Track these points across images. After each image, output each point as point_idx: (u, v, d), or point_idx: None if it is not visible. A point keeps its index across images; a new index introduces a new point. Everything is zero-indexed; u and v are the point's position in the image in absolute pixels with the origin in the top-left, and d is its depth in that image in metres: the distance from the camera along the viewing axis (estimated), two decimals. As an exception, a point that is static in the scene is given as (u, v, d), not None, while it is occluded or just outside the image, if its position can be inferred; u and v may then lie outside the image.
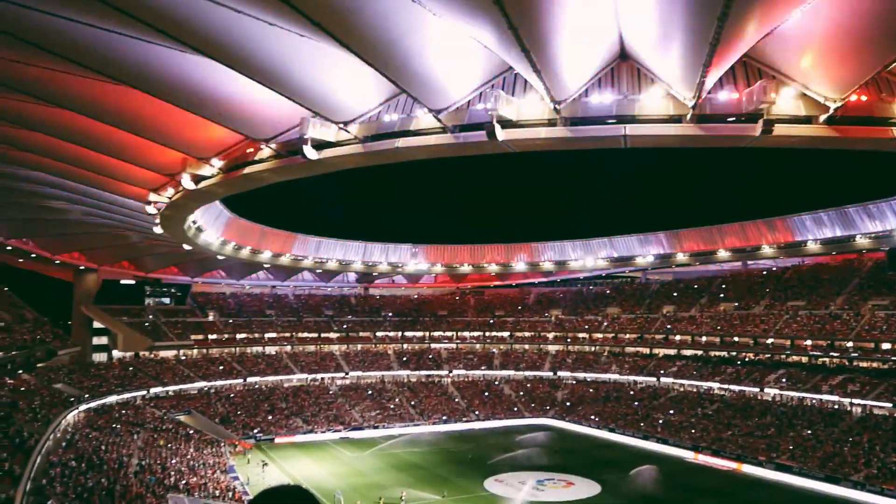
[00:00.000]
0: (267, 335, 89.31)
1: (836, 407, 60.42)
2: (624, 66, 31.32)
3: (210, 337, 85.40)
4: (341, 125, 34.15)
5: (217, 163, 39.54)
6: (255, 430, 66.46)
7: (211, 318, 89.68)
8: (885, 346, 61.15)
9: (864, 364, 63.02)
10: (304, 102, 31.44)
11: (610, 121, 31.18)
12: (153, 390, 69.72)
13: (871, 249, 70.30)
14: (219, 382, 77.00)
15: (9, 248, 63.05)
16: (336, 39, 23.71)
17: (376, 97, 33.54)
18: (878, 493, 45.39)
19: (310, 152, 33.96)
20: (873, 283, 69.72)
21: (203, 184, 41.12)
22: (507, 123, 31.27)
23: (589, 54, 29.24)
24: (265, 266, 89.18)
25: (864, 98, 28.48)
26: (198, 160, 39.61)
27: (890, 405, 56.73)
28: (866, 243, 67.15)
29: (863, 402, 58.72)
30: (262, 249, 77.16)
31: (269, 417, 70.27)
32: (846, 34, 24.59)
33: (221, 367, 79.99)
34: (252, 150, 38.05)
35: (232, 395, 74.98)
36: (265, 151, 37.64)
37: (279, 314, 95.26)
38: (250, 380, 79.43)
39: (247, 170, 38.92)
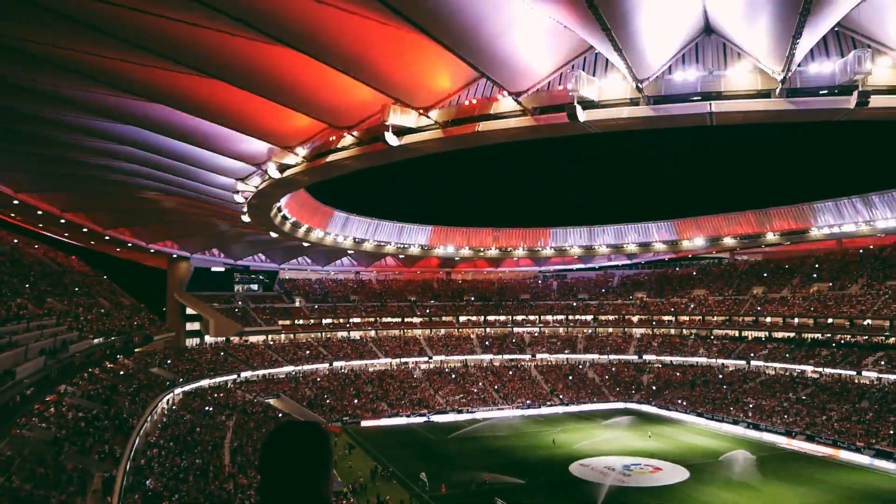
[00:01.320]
0: (352, 320, 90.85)
1: (942, 392, 57.41)
2: (708, 41, 30.41)
3: (297, 322, 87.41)
4: (421, 111, 34.34)
5: (301, 151, 40.37)
6: (343, 416, 67.92)
7: (297, 303, 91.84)
8: None
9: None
10: (384, 89, 31.72)
11: (695, 98, 30.39)
12: (243, 374, 72.25)
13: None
14: (306, 367, 79.05)
15: (106, 237, 66.07)
16: (416, 26, 23.80)
17: (456, 82, 33.52)
18: None
19: (391, 139, 34.28)
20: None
21: (288, 172, 42.10)
22: (588, 104, 30.82)
23: (672, 30, 28.49)
24: (349, 252, 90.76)
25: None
26: (282, 149, 40.57)
27: None
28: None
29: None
30: (346, 235, 78.50)
31: (356, 401, 71.70)
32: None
33: (308, 352, 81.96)
34: (335, 137, 38.66)
35: (318, 379, 76.83)
36: (347, 139, 38.19)
37: (363, 299, 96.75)
38: (336, 364, 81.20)
39: (330, 157, 39.58)
